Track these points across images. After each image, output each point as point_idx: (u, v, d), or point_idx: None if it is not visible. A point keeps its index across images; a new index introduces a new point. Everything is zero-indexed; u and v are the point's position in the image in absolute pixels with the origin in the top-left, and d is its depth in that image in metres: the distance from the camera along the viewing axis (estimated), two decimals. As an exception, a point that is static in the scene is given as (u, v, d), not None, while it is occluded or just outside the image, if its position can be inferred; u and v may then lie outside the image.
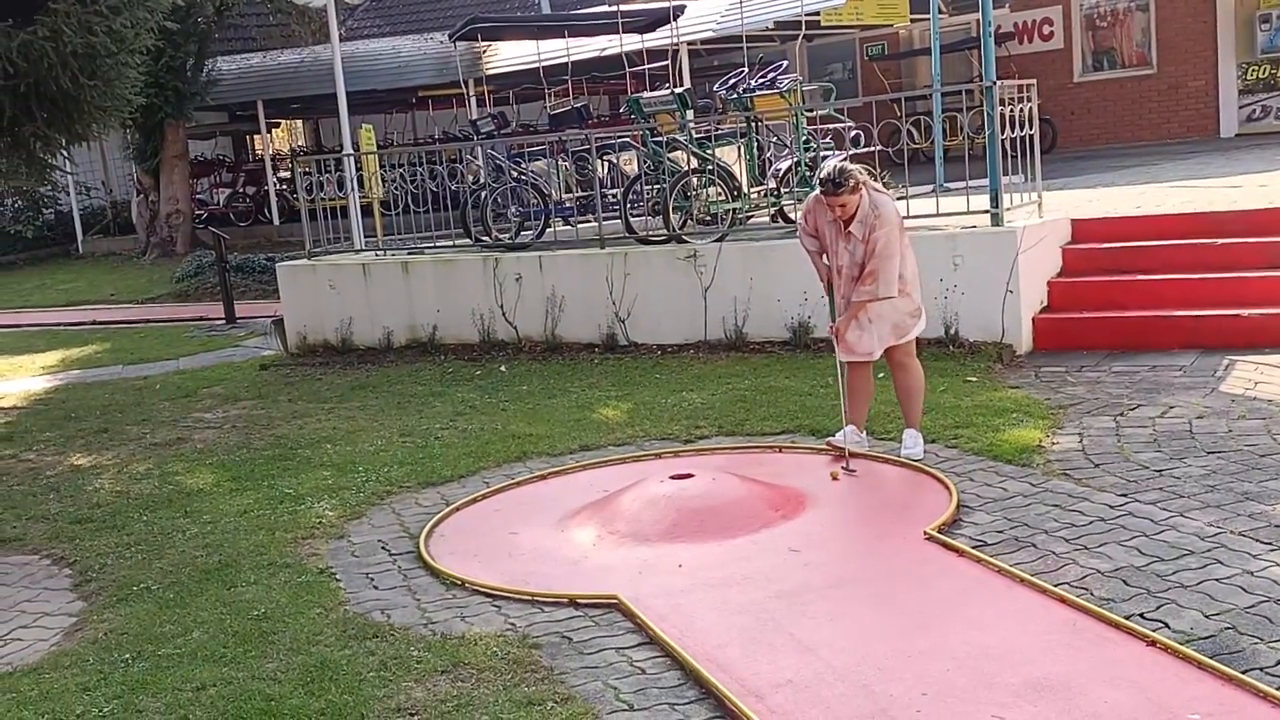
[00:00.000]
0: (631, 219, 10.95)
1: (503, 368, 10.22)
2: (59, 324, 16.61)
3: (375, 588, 5.53)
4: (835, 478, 6.45)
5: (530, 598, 5.22)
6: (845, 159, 9.77)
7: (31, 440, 9.28)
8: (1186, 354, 8.29)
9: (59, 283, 21.08)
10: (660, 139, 10.76)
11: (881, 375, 7.09)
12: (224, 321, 14.94)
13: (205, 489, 7.44)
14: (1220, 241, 9.03)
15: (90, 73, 9.33)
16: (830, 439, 6.86)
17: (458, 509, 6.56)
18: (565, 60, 16.90)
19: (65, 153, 11.23)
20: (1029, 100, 9.47)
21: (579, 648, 4.69)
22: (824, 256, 6.79)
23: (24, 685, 4.78)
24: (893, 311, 6.58)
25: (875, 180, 6.90)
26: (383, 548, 6.07)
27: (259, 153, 27.07)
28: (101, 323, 16.29)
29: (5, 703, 4.62)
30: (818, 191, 6.62)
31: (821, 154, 10.30)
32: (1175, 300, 8.75)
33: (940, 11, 13.19)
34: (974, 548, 5.30)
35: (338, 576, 5.70)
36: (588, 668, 4.51)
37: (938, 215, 9.48)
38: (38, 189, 24.01)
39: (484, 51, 20.17)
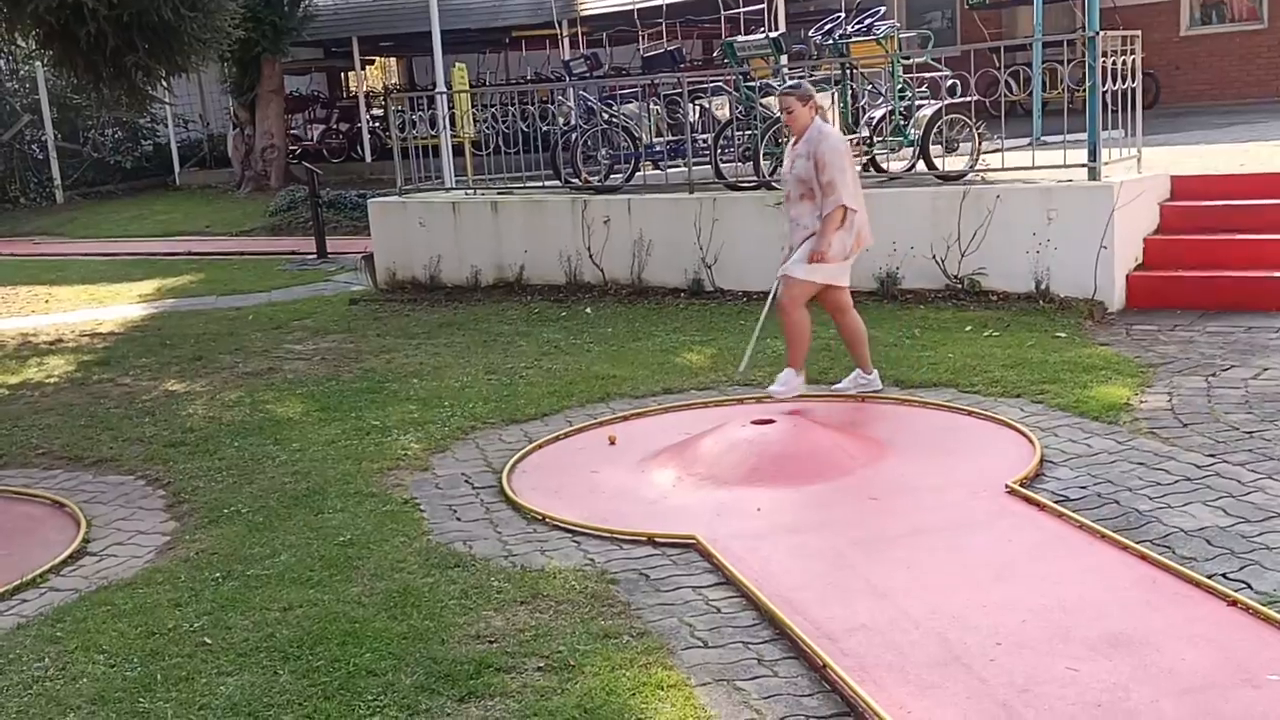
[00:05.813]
0: (721, 164, 10.90)
1: (588, 309, 10.27)
2: (156, 254, 16.97)
3: (458, 519, 5.63)
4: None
5: (609, 535, 5.29)
6: (940, 109, 9.75)
7: (128, 365, 9.54)
8: (1285, 316, 8.10)
9: (156, 213, 21.52)
10: (753, 84, 10.67)
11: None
12: (315, 256, 15.16)
13: (294, 418, 7.61)
14: (1326, 202, 8.78)
15: (191, 4, 9.49)
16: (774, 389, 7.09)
17: (540, 446, 6.65)
18: (660, 3, 16.78)
19: (165, 84, 11.43)
20: (1132, 53, 9.24)
21: (656, 585, 4.75)
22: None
23: (119, 599, 4.96)
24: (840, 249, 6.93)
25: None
26: (466, 481, 6.17)
27: (353, 90, 27.29)
28: (197, 253, 16.62)
29: (101, 614, 4.80)
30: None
31: (917, 103, 10.16)
32: (1276, 260, 8.52)
33: (1044, -41, 12.87)
34: (1056, 502, 5.26)
35: (421, 507, 5.82)
36: (664, 604, 4.56)
37: (1033, 168, 9.32)
38: (137, 120, 24.54)
39: (579, -8, 20.10)
